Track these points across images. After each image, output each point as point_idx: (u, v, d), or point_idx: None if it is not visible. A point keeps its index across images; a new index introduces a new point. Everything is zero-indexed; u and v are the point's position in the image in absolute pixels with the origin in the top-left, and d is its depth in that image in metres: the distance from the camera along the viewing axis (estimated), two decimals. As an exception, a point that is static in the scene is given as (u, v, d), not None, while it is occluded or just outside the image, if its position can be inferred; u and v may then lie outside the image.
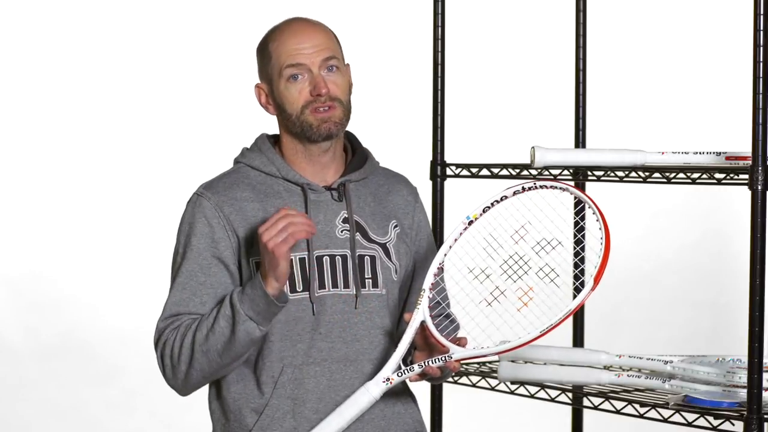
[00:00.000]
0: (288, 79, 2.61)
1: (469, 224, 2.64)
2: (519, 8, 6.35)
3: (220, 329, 2.52)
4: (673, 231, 6.50)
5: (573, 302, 2.48)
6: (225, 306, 2.53)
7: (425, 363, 2.52)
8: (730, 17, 6.23)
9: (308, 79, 2.61)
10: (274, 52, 2.62)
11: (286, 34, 2.63)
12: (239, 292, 2.52)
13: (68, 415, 5.79)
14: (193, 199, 2.66)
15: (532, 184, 2.61)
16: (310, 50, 2.61)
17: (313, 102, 2.60)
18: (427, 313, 2.56)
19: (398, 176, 2.81)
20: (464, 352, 2.51)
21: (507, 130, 6.24)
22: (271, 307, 2.50)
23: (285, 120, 2.65)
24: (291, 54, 2.60)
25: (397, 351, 2.55)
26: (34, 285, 6.05)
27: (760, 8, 2.65)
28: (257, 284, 2.50)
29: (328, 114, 2.61)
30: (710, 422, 2.76)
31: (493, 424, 5.85)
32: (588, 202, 2.55)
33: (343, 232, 2.65)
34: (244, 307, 2.50)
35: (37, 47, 6.11)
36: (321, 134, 2.62)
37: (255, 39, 2.71)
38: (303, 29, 2.64)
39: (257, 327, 2.51)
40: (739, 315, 3.66)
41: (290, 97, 2.61)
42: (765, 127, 2.67)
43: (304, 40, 2.62)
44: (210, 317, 2.54)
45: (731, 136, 5.25)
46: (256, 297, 2.50)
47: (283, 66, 2.61)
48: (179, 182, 4.44)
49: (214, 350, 2.54)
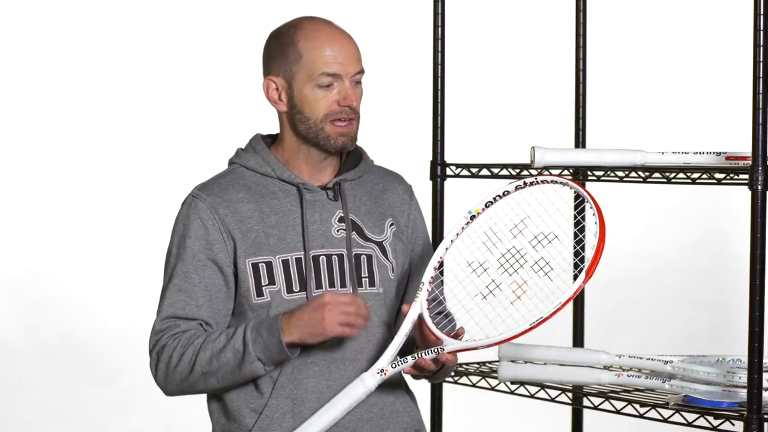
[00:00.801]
0: (318, 85, 2.59)
1: (471, 219, 2.65)
2: (519, 8, 6.35)
3: (226, 359, 2.52)
4: (673, 231, 6.50)
5: (564, 295, 2.47)
6: (236, 339, 2.52)
7: (419, 354, 2.52)
8: (730, 17, 6.23)
9: (338, 89, 2.59)
10: (307, 53, 2.58)
11: (322, 38, 2.60)
12: (254, 329, 2.52)
13: (68, 415, 5.79)
14: (188, 201, 2.65)
15: (534, 179, 2.62)
16: (345, 59, 2.58)
17: (338, 113, 2.59)
18: (425, 306, 2.56)
19: (393, 174, 2.81)
20: (456, 344, 2.52)
21: (507, 130, 6.24)
22: (282, 355, 2.51)
23: (299, 122, 2.62)
24: (328, 62, 2.57)
25: (393, 342, 2.55)
26: (34, 285, 6.05)
27: (760, 8, 2.65)
28: (275, 331, 2.49)
29: (347, 128, 2.61)
30: (710, 422, 2.76)
31: (493, 424, 5.85)
32: (586, 197, 2.55)
33: (340, 231, 2.65)
34: (255, 348, 2.51)
35: (37, 47, 6.11)
36: (336, 147, 2.62)
37: (253, 39, 2.70)
38: (339, 37, 2.61)
39: (264, 367, 2.53)
40: (739, 315, 3.66)
41: (315, 102, 2.59)
42: (765, 127, 2.67)
43: (341, 48, 2.59)
44: (217, 342, 2.54)
45: (731, 136, 5.25)
46: (271, 344, 2.50)
47: (318, 71, 2.57)
48: (178, 182, 4.43)
49: (214, 376, 2.55)
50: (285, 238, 2.61)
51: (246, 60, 2.68)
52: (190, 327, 2.59)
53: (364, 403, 2.60)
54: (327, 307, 2.47)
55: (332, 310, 2.47)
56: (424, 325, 2.55)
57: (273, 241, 2.60)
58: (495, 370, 3.27)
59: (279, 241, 2.61)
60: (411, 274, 2.76)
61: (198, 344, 2.55)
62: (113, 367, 5.95)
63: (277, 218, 2.62)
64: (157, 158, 6.18)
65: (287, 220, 2.62)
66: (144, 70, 6.19)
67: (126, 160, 6.18)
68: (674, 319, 6.41)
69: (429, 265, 2.62)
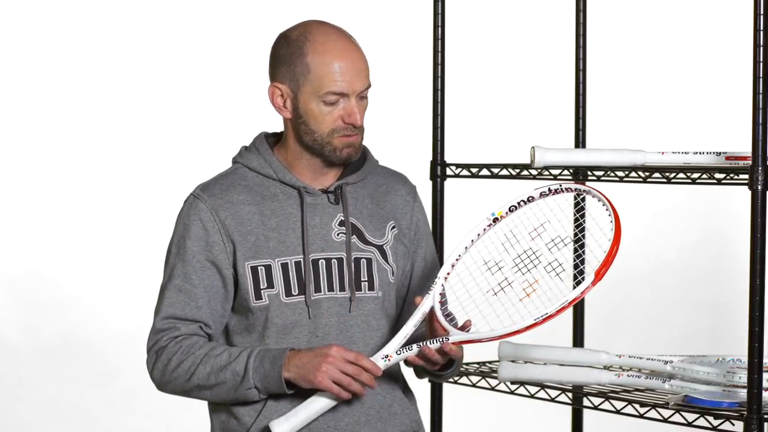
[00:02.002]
0: (324, 102, 2.57)
1: (494, 221, 2.65)
2: (519, 8, 6.35)
3: (224, 378, 2.53)
4: (673, 231, 6.50)
5: (571, 294, 2.48)
6: (238, 362, 2.53)
7: (423, 343, 2.52)
8: (730, 17, 6.23)
9: (343, 105, 2.58)
10: (315, 69, 2.56)
11: (332, 53, 2.56)
12: (258, 357, 2.52)
13: (68, 415, 5.79)
14: (189, 200, 2.65)
15: (558, 186, 2.61)
16: (353, 77, 2.56)
17: (343, 129, 2.58)
18: (437, 300, 2.56)
19: (397, 175, 2.80)
20: (460, 336, 2.52)
21: (507, 130, 6.23)
22: (279, 389, 2.52)
23: (303, 132, 2.61)
24: (335, 79, 2.55)
25: (402, 330, 2.55)
26: (34, 285, 6.05)
27: (760, 8, 2.65)
28: (277, 366, 2.50)
29: (351, 140, 2.60)
30: (710, 422, 2.76)
31: (493, 424, 5.85)
32: (607, 204, 2.56)
33: (340, 235, 2.65)
34: (255, 376, 2.52)
35: (37, 47, 6.11)
36: (341, 158, 2.61)
37: (254, 39, 2.70)
38: (349, 52, 2.58)
39: (258, 394, 2.54)
40: (739, 315, 3.66)
41: (321, 117, 2.58)
42: (765, 127, 2.67)
43: (350, 65, 2.56)
44: (219, 359, 2.54)
45: (731, 136, 5.25)
46: (271, 376, 2.51)
47: (325, 90, 2.56)
48: (179, 182, 4.43)
49: (209, 390, 2.56)
50: (285, 242, 2.61)
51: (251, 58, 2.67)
52: (190, 331, 2.59)
53: (362, 404, 2.60)
54: (328, 358, 2.47)
55: (331, 364, 2.46)
56: (435, 319, 2.55)
57: (273, 244, 2.60)
58: (495, 370, 3.27)
59: (279, 244, 2.60)
60: (413, 276, 2.76)
61: (199, 356, 2.55)
62: (113, 367, 5.94)
63: (277, 221, 2.62)
64: (157, 158, 6.18)
65: (287, 223, 2.62)
66: (147, 70, 6.19)
67: (126, 160, 6.18)
68: (674, 319, 6.41)
69: (446, 261, 2.62)
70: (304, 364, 2.49)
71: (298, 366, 2.50)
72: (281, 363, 2.50)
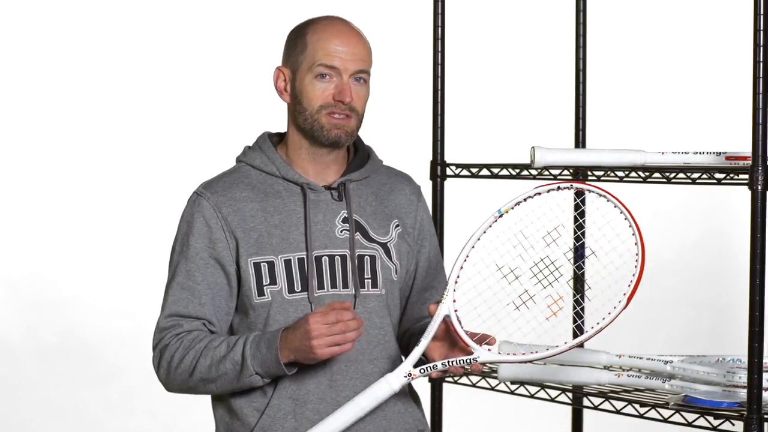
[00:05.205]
0: (316, 76, 2.59)
1: (500, 217, 2.63)
2: (519, 8, 6.35)
3: (225, 369, 2.54)
4: (673, 231, 6.50)
5: (604, 321, 2.49)
6: (235, 351, 2.53)
7: (449, 363, 2.50)
8: (730, 17, 6.23)
9: (335, 83, 2.59)
10: (311, 45, 2.60)
11: (329, 31, 2.61)
12: (253, 343, 2.52)
13: (68, 415, 5.79)
14: (192, 198, 2.66)
15: (568, 185, 2.57)
16: (347, 56, 2.59)
17: (333, 106, 2.59)
18: (452, 308, 2.53)
19: (401, 175, 2.80)
20: (490, 356, 2.50)
21: (507, 130, 6.23)
22: (279, 371, 2.52)
23: (298, 113, 2.63)
24: (328, 53, 2.59)
25: (420, 345, 2.51)
26: (34, 285, 6.05)
27: (760, 8, 2.65)
28: (274, 348, 2.50)
29: (342, 122, 2.60)
30: (710, 422, 2.76)
31: (493, 424, 5.85)
32: (626, 213, 2.51)
33: (343, 231, 2.65)
34: (254, 362, 2.52)
35: (37, 47, 6.11)
36: (329, 139, 2.61)
37: (261, 37, 2.70)
38: (347, 33, 2.62)
39: (261, 379, 2.54)
40: (739, 315, 3.66)
41: (311, 93, 2.60)
42: (765, 127, 2.67)
43: (345, 44, 2.60)
44: (218, 350, 2.54)
45: (731, 136, 5.24)
46: (269, 360, 2.51)
47: (316, 62, 2.59)
48: (180, 182, 4.44)
49: (213, 383, 2.56)
50: (288, 238, 2.61)
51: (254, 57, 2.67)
52: (193, 327, 2.59)
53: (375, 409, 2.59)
54: (312, 334, 2.44)
55: (318, 337, 2.45)
56: (452, 329, 2.52)
57: (276, 241, 2.60)
58: (495, 370, 3.27)
59: (282, 240, 2.61)
60: (417, 275, 2.76)
61: (199, 349, 2.56)
62: (113, 367, 5.95)
63: (280, 218, 2.62)
64: (157, 157, 6.18)
65: (291, 219, 2.62)
66: (148, 69, 6.19)
67: (128, 160, 6.18)
68: (674, 319, 6.41)
69: (455, 264, 2.57)
70: (297, 348, 2.48)
71: (294, 350, 2.49)
72: (276, 346, 2.50)
